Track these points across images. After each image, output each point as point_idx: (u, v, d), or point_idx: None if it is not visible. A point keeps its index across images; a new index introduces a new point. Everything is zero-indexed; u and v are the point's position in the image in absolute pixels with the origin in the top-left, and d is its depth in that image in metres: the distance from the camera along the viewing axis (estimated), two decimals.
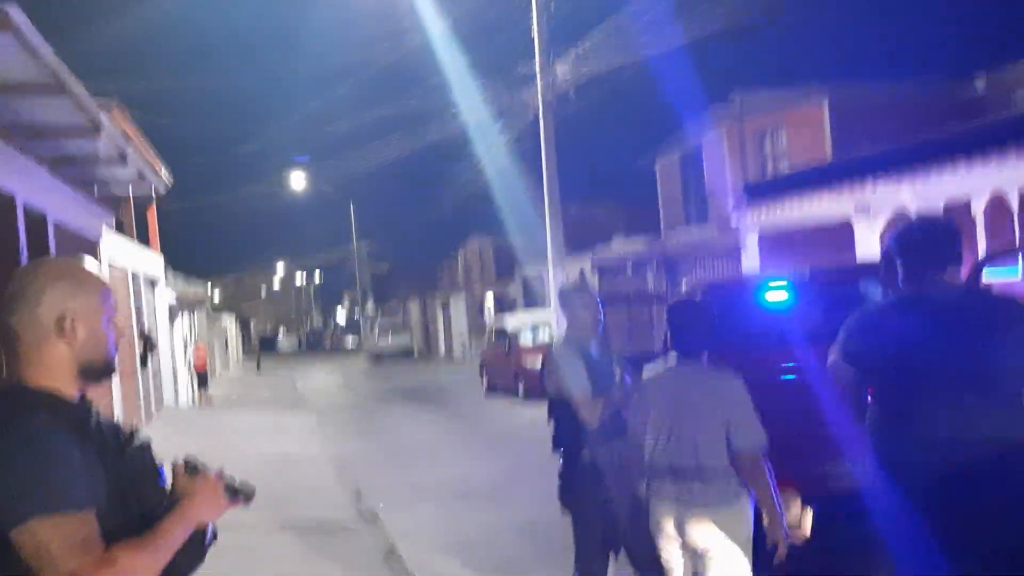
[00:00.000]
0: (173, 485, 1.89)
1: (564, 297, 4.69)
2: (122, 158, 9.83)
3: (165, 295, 19.67)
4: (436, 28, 17.48)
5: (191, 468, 1.90)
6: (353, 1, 18.61)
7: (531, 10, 15.64)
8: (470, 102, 18.65)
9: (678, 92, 17.44)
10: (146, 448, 1.90)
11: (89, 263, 1.95)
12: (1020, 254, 6.98)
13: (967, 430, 3.09)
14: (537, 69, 15.69)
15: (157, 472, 1.89)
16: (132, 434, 1.90)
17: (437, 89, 19.09)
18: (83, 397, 1.86)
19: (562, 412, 4.43)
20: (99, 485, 1.72)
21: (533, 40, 15.76)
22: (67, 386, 1.81)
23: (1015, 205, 9.20)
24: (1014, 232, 9.10)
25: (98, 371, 1.87)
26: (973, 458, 3.07)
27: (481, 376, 21.37)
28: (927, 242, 3.34)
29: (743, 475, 3.60)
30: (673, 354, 3.79)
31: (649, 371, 3.90)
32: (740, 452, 3.58)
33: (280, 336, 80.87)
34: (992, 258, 6.09)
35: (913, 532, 3.18)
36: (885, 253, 4.95)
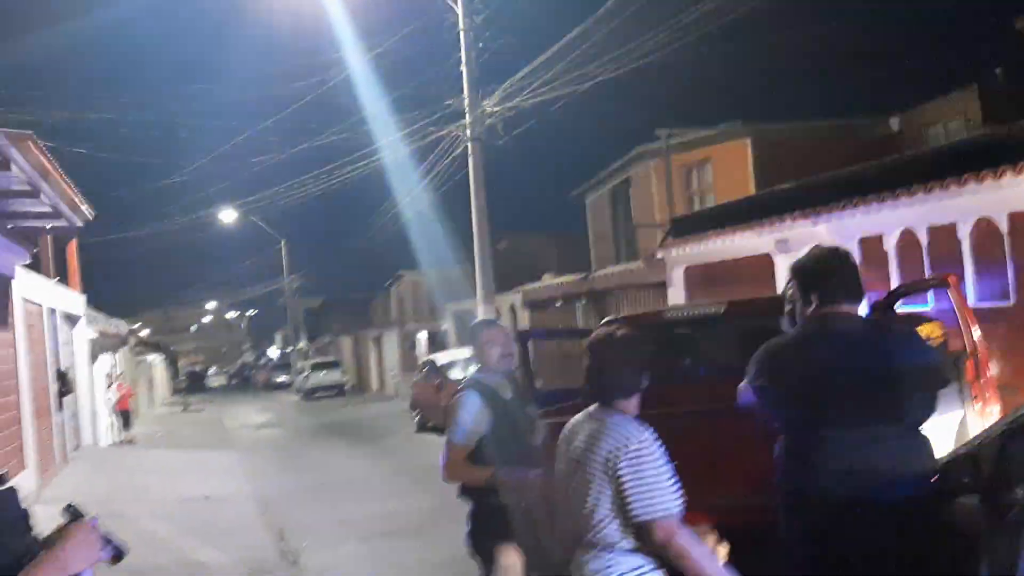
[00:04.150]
0: (54, 530, 1.82)
1: (472, 333, 4.52)
2: (36, 192, 9.55)
3: (85, 332, 19.14)
4: (369, 63, 17.55)
5: (72, 511, 1.84)
6: (286, 34, 18.61)
7: (459, 47, 15.78)
8: (403, 136, 18.70)
9: (608, 128, 17.74)
10: (10, 495, 1.83)
11: None
12: (930, 288, 7.21)
13: (870, 461, 3.15)
14: (466, 105, 15.78)
15: (24, 518, 1.81)
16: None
17: (370, 123, 19.12)
18: None
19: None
20: None
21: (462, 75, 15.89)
22: None
23: (924, 241, 9.51)
24: (924, 267, 9.39)
25: None
26: (876, 488, 3.13)
27: (412, 412, 21.19)
28: (826, 275, 3.40)
29: (653, 550, 2.88)
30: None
31: (571, 421, 3.23)
32: (639, 523, 2.84)
33: (210, 372, 79.22)
34: (904, 292, 6.27)
35: (820, 562, 3.23)
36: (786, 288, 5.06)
